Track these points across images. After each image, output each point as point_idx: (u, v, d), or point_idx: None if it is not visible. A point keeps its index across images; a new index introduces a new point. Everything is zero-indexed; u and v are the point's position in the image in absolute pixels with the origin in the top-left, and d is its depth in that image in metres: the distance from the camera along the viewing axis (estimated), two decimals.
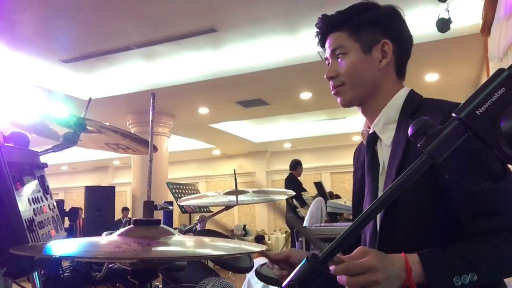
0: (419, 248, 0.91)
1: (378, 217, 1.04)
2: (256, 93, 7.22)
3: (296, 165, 7.04)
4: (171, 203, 2.20)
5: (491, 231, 0.90)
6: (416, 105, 1.06)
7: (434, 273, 0.85)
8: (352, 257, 0.84)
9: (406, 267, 0.84)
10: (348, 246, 1.15)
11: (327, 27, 1.14)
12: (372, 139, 1.13)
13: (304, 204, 6.42)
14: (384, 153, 1.10)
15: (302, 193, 6.75)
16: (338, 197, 7.84)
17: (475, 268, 0.85)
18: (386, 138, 1.08)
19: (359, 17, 1.11)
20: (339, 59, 1.12)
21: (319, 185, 5.83)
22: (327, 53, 1.15)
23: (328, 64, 1.15)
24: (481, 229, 0.91)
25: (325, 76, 1.14)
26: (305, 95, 7.40)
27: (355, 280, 0.82)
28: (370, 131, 1.13)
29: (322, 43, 1.17)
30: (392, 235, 1.02)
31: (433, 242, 0.94)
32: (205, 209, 3.84)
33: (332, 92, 1.15)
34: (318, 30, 1.17)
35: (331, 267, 0.82)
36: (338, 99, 1.14)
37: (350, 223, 0.72)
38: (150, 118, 0.97)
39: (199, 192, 4.27)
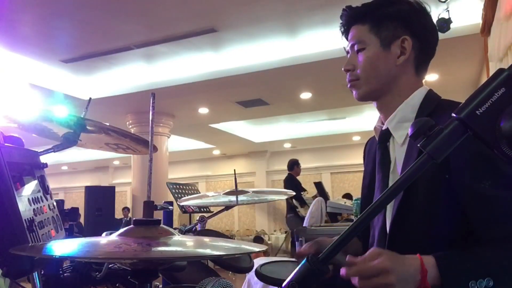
0: (429, 247, 0.91)
1: (388, 214, 1.04)
2: (256, 93, 7.22)
3: (293, 165, 7.03)
4: (171, 203, 2.20)
5: (508, 237, 0.87)
6: (433, 106, 1.05)
7: (450, 277, 0.83)
8: (364, 258, 0.82)
9: (421, 269, 0.82)
10: (361, 234, 1.14)
11: (350, 19, 1.14)
12: (384, 136, 1.12)
13: (304, 203, 6.42)
14: (396, 151, 1.09)
15: (302, 192, 6.75)
16: (349, 196, 7.79)
17: (492, 273, 0.82)
18: (399, 136, 1.08)
19: (382, 11, 1.10)
20: (358, 53, 1.12)
21: (319, 185, 5.83)
22: (348, 46, 1.15)
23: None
24: (498, 234, 0.89)
25: (342, 69, 1.14)
26: (305, 95, 7.39)
27: (368, 282, 0.80)
28: (384, 128, 1.12)
29: (346, 35, 1.17)
30: (402, 234, 1.00)
31: (443, 242, 0.94)
32: (205, 209, 3.84)
33: (348, 86, 1.15)
34: (341, 22, 1.16)
35: (343, 270, 0.80)
36: (354, 93, 1.14)
37: (350, 223, 0.72)
38: (150, 118, 0.97)
39: (199, 192, 4.27)
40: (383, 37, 1.09)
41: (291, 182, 6.87)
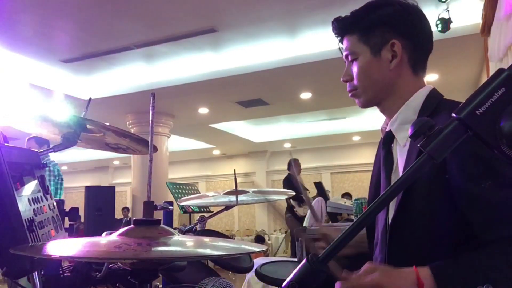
0: (429, 249, 0.90)
1: (390, 214, 1.03)
2: (256, 93, 7.22)
3: (290, 165, 7.04)
4: (171, 203, 2.20)
5: (506, 239, 0.86)
6: (434, 106, 1.04)
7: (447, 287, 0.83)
8: (359, 274, 0.82)
9: (417, 281, 0.81)
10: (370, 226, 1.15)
11: (340, 31, 1.15)
12: (388, 137, 1.13)
13: (302, 203, 6.41)
14: (398, 152, 1.10)
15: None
16: (349, 195, 7.80)
17: (490, 279, 0.80)
18: (401, 138, 1.08)
19: (367, 19, 1.10)
20: (352, 63, 1.13)
21: (319, 185, 5.83)
22: (343, 56, 1.17)
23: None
24: (499, 236, 0.87)
25: (341, 79, 1.16)
26: (305, 95, 7.40)
27: None
28: (387, 129, 1.13)
29: (342, 42, 1.18)
30: (402, 234, 1.00)
31: (444, 244, 0.93)
32: (205, 209, 3.84)
33: (349, 95, 1.16)
34: (334, 34, 1.18)
35: (337, 285, 0.80)
36: (356, 102, 1.16)
37: (350, 223, 0.72)
38: (150, 118, 0.98)
39: (199, 192, 4.27)
40: (372, 44, 1.09)
41: (290, 182, 6.87)
